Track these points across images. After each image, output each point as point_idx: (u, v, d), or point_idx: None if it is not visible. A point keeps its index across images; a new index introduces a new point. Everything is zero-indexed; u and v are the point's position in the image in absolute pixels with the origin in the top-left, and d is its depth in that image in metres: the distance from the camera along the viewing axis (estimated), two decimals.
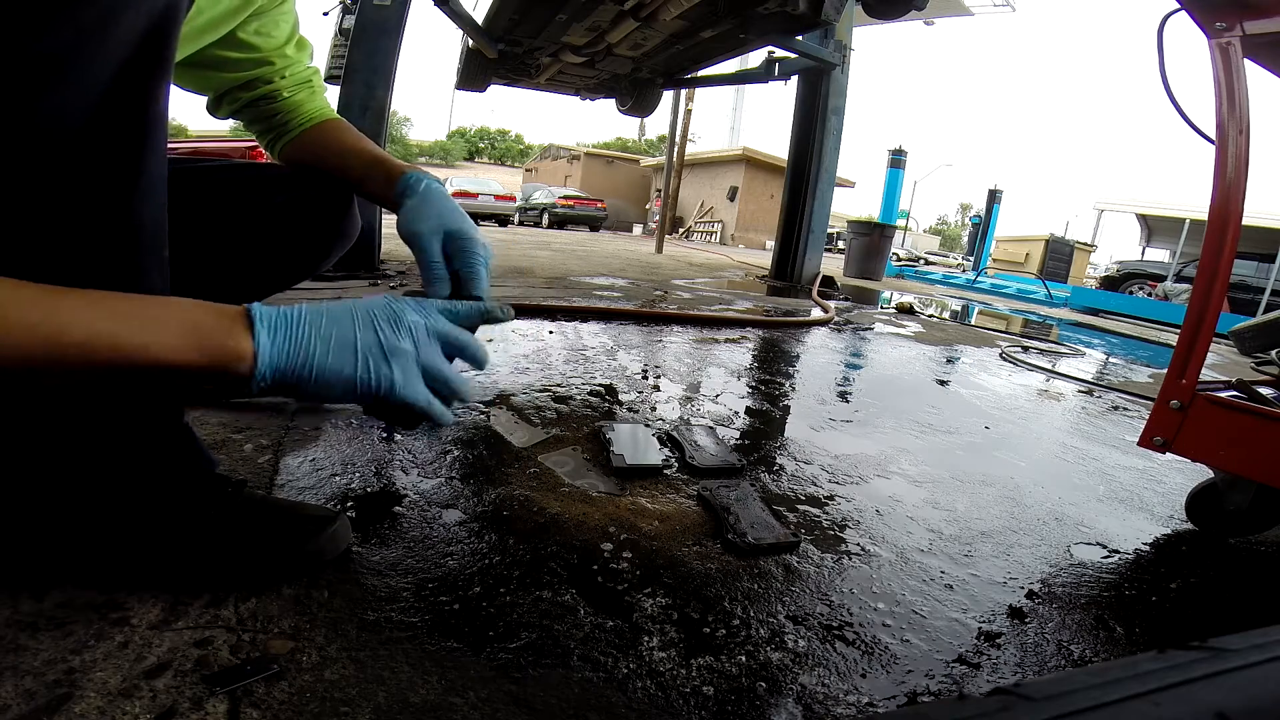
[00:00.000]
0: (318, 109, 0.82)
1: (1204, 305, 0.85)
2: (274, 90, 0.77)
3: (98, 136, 0.44)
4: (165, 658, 0.48)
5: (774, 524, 0.80)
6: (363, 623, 0.55)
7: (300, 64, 0.80)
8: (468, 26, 4.24)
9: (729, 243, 19.02)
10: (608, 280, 3.75)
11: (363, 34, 2.99)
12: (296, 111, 0.80)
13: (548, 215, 18.06)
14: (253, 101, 0.77)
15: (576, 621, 0.59)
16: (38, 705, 0.43)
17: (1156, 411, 0.89)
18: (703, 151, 22.27)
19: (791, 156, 4.69)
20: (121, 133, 0.46)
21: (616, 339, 1.98)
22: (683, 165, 11.05)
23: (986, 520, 0.93)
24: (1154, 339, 4.20)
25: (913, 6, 3.59)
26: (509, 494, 0.82)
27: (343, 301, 0.50)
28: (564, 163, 27.83)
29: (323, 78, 0.84)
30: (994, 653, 0.62)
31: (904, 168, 9.81)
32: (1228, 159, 0.83)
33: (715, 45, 4.20)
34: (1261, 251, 8.15)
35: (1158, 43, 0.95)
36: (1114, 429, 1.56)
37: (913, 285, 7.21)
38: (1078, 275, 14.84)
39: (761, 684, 0.54)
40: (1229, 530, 0.95)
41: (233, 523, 0.58)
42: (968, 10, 13.73)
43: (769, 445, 1.15)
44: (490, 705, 0.48)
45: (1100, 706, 0.22)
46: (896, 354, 2.28)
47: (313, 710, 0.45)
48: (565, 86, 5.64)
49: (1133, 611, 0.72)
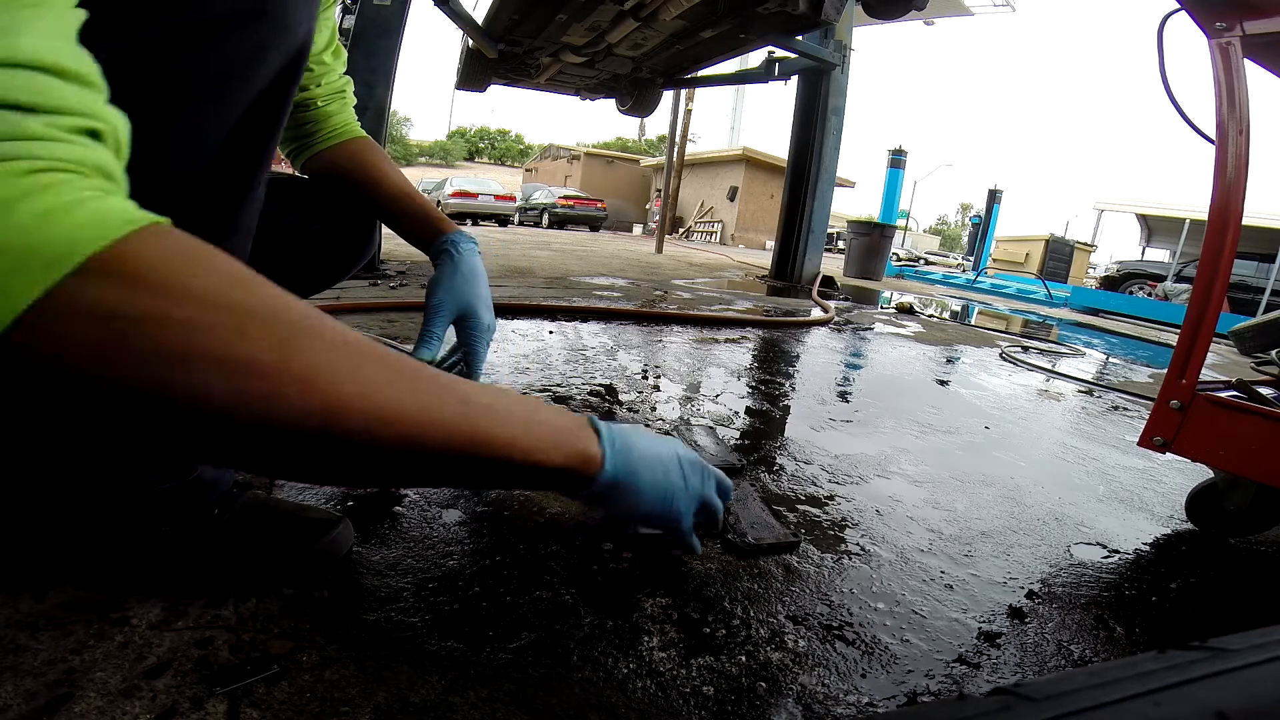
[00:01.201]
0: (345, 123, 0.81)
1: (1204, 305, 0.85)
2: (308, 99, 0.77)
3: (217, 174, 0.46)
4: (165, 658, 0.48)
5: (774, 524, 0.80)
6: (363, 623, 0.55)
7: (335, 72, 0.79)
8: (468, 26, 4.24)
9: (729, 243, 19.02)
10: (607, 280, 3.75)
11: (363, 34, 2.99)
12: (326, 123, 0.79)
13: (547, 215, 18.06)
14: None
15: (576, 621, 0.59)
16: (38, 705, 0.43)
17: (1156, 411, 0.89)
18: (703, 151, 22.27)
19: (791, 156, 4.69)
20: (239, 172, 0.48)
21: (616, 339, 1.98)
22: (683, 165, 11.06)
23: (986, 520, 0.93)
24: (1154, 339, 4.20)
25: (913, 6, 3.59)
26: (509, 494, 0.82)
27: (639, 428, 0.57)
28: (564, 163, 27.83)
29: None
30: (994, 653, 0.62)
31: (904, 168, 9.81)
32: (1228, 159, 0.83)
33: (715, 45, 4.20)
34: (1261, 251, 8.15)
35: (1158, 43, 0.95)
36: (1114, 429, 1.56)
37: (913, 285, 7.21)
38: (1078, 275, 14.84)
39: (761, 684, 0.54)
40: (1229, 530, 0.95)
41: (237, 525, 0.58)
42: (968, 10, 13.74)
43: (769, 445, 1.15)
44: (490, 705, 0.48)
45: (1100, 706, 0.22)
46: (896, 354, 2.28)
47: (313, 710, 0.45)
48: (565, 86, 5.63)
49: (1133, 611, 0.72)
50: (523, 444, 0.41)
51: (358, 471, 0.36)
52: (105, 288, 0.27)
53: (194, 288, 0.29)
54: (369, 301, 2.11)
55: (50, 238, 0.26)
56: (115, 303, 0.27)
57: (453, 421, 0.37)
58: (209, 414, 0.29)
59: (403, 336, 1.65)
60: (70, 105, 0.29)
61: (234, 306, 0.30)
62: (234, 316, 0.30)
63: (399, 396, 0.35)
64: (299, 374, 0.31)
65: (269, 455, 0.33)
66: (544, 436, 0.43)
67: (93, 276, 0.27)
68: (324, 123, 0.79)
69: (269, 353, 0.31)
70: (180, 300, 0.29)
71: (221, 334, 0.29)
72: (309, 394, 0.31)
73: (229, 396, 0.29)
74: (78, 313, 0.26)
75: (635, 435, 0.53)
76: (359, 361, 0.34)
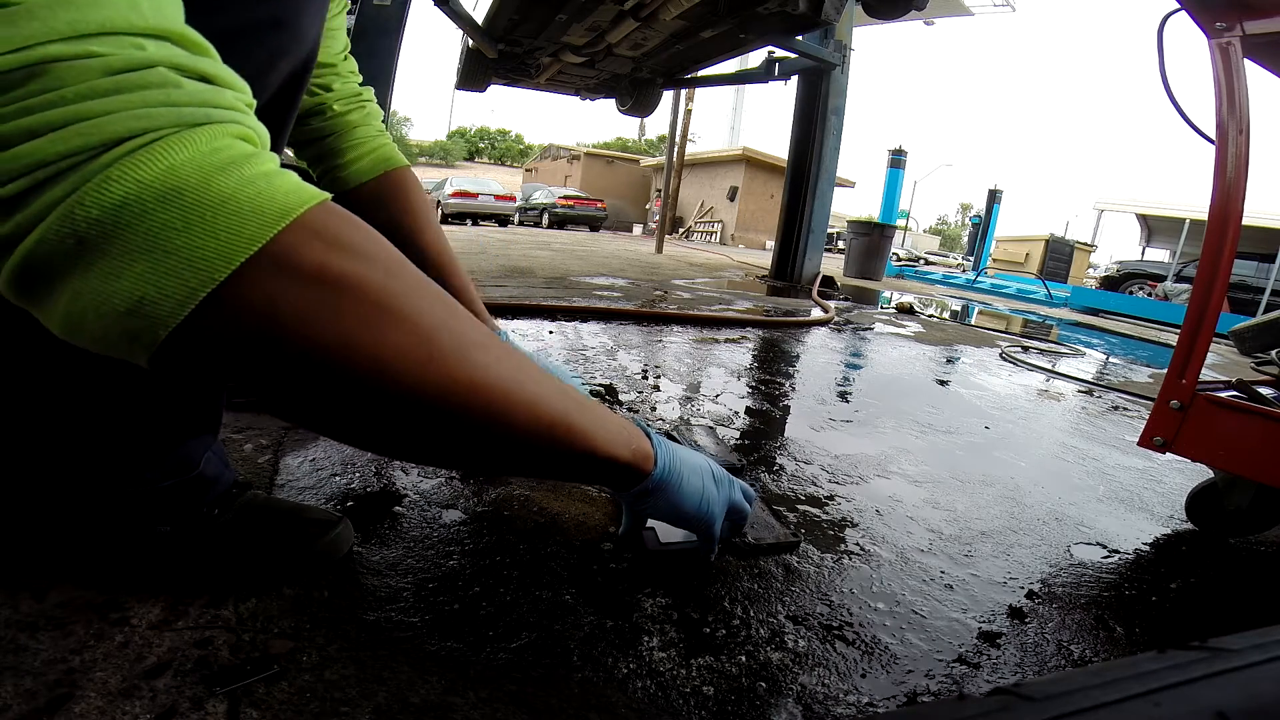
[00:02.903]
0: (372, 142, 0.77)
1: (1204, 305, 0.85)
2: (321, 104, 0.74)
3: None
4: (165, 658, 0.48)
5: (774, 524, 0.80)
6: (363, 623, 0.55)
7: (348, 79, 0.76)
8: (468, 26, 4.24)
9: (729, 243, 19.02)
10: (607, 280, 3.75)
11: (363, 34, 2.99)
12: (349, 135, 0.75)
13: (547, 215, 18.05)
14: (302, 116, 0.74)
15: (576, 621, 0.59)
16: (38, 705, 0.43)
17: (1156, 411, 0.89)
18: (703, 151, 22.26)
19: (791, 156, 4.69)
20: None
21: (616, 339, 1.98)
22: (683, 165, 11.06)
23: (986, 520, 0.93)
24: (1154, 339, 4.20)
25: (913, 6, 3.59)
26: (509, 494, 0.82)
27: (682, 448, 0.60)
28: (564, 163, 27.82)
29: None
30: (994, 653, 0.62)
31: (904, 168, 9.82)
32: (1228, 159, 0.83)
33: (715, 45, 4.20)
34: (1261, 251, 8.15)
35: (1158, 43, 0.95)
36: (1114, 429, 1.56)
37: (913, 285, 7.21)
38: (1078, 275, 14.84)
39: (761, 684, 0.54)
40: (1229, 530, 0.95)
41: (237, 525, 0.58)
42: (968, 10, 13.75)
43: (769, 445, 1.15)
44: (490, 705, 0.48)
45: (1100, 706, 0.22)
46: (896, 354, 2.28)
47: (313, 710, 0.45)
48: (565, 86, 5.63)
49: (1133, 611, 0.72)
50: (602, 437, 0.44)
51: (474, 449, 0.38)
52: (313, 245, 0.31)
53: (379, 255, 0.34)
54: None
55: (271, 196, 0.30)
56: (322, 259, 0.31)
57: (560, 411, 0.40)
58: (396, 370, 0.33)
59: None
60: (239, 83, 0.33)
61: (407, 276, 0.34)
62: (411, 284, 0.34)
63: (522, 380, 0.38)
64: (463, 343, 0.35)
65: (431, 419, 0.35)
66: (618, 432, 0.46)
67: (304, 233, 0.30)
68: (347, 135, 0.76)
69: (440, 318, 0.35)
70: (373, 263, 0.33)
71: (411, 299, 0.34)
72: (462, 367, 0.35)
73: (417, 355, 0.33)
74: (293, 263, 0.30)
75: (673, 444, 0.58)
76: (491, 340, 0.38)
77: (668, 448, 0.56)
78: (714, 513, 0.61)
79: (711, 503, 0.60)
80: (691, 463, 0.59)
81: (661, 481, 0.54)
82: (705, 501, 0.59)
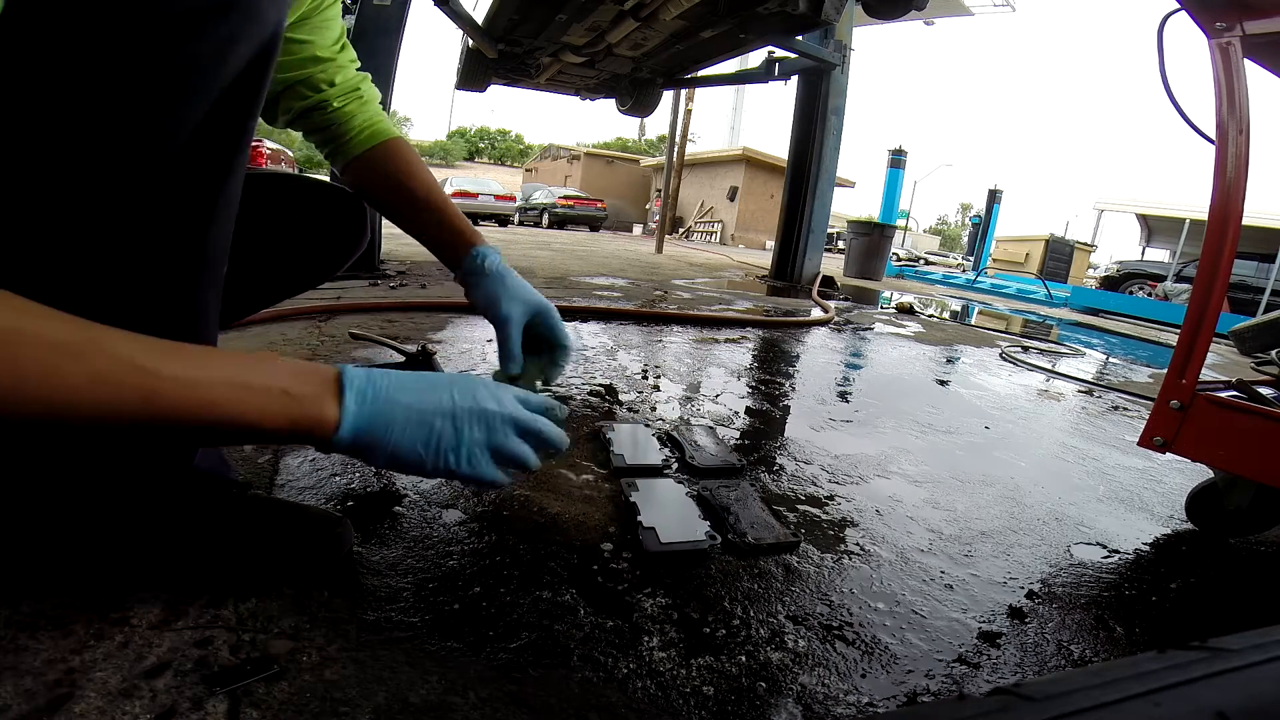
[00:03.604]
0: (369, 122, 0.81)
1: (1204, 305, 0.85)
2: (323, 100, 0.77)
3: (191, 161, 0.46)
4: (165, 658, 0.48)
5: (774, 524, 0.80)
6: (363, 623, 0.55)
7: (346, 70, 0.79)
8: (468, 26, 4.24)
9: (729, 243, 19.02)
10: (608, 280, 3.75)
11: (363, 34, 2.99)
12: (349, 124, 0.79)
13: (547, 215, 18.04)
14: (304, 112, 0.77)
15: (576, 621, 0.59)
16: (38, 705, 0.43)
17: (1156, 411, 0.89)
18: (703, 151, 22.26)
19: (791, 156, 4.69)
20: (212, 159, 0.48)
21: (616, 339, 1.98)
22: (683, 165, 11.05)
23: (986, 520, 0.93)
24: (1154, 339, 4.20)
25: (913, 6, 3.59)
26: (509, 494, 0.82)
27: (429, 378, 0.53)
28: (564, 163, 27.81)
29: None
30: (994, 653, 0.62)
31: (904, 168, 9.81)
32: (1228, 159, 0.83)
33: (715, 45, 4.20)
34: (1261, 251, 8.15)
35: (1158, 43, 0.95)
36: (1114, 429, 1.56)
37: (913, 285, 7.21)
38: (1078, 275, 14.84)
39: (761, 684, 0.54)
40: (1229, 530, 0.95)
41: (237, 525, 0.58)
42: (968, 10, 13.74)
43: (769, 445, 1.15)
44: (490, 705, 0.48)
45: (1100, 706, 0.22)
46: (896, 354, 2.28)
47: (313, 710, 0.45)
48: (565, 86, 5.63)
49: (1133, 611, 0.72)
50: (225, 409, 0.42)
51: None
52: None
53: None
54: (369, 302, 2.11)
55: None
56: None
57: (130, 392, 0.38)
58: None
59: (402, 336, 1.65)
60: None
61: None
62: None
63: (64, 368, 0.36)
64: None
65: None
66: (253, 403, 0.43)
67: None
68: (346, 124, 0.79)
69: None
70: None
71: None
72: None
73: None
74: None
75: (403, 390, 0.51)
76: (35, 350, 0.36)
77: (378, 405, 0.49)
78: (450, 462, 0.53)
79: (445, 452, 0.52)
80: (420, 412, 0.51)
81: (355, 443, 0.48)
82: (436, 452, 0.52)
